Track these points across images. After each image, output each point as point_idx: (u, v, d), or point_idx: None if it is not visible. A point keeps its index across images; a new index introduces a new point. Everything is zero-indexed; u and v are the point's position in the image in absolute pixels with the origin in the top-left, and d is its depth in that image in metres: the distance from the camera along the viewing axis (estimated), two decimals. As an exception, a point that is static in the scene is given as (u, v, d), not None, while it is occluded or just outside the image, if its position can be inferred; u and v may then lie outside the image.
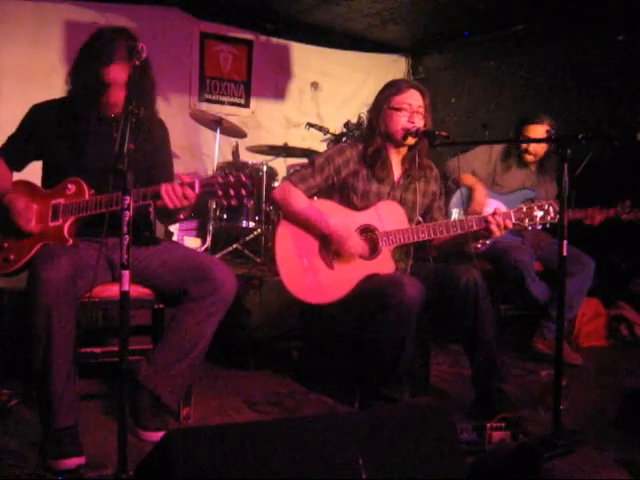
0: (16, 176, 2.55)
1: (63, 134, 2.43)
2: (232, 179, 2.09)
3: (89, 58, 2.36)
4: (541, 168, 3.90)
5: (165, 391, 2.37)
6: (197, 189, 2.15)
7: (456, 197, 3.70)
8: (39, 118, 2.49)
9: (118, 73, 2.30)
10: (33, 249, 2.33)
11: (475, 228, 2.64)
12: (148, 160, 2.48)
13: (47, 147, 2.47)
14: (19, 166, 2.54)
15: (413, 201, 2.88)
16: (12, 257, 2.36)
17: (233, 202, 2.11)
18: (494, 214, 2.60)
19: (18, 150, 2.50)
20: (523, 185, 3.84)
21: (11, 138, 2.52)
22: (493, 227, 2.59)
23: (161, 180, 2.42)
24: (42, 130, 2.46)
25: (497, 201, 3.74)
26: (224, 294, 2.38)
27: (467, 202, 3.72)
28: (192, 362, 2.40)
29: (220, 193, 2.11)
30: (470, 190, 3.73)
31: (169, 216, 2.52)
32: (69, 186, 2.38)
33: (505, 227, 2.59)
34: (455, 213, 3.70)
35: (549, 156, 3.84)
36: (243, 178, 2.08)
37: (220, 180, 2.10)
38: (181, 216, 2.44)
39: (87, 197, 2.35)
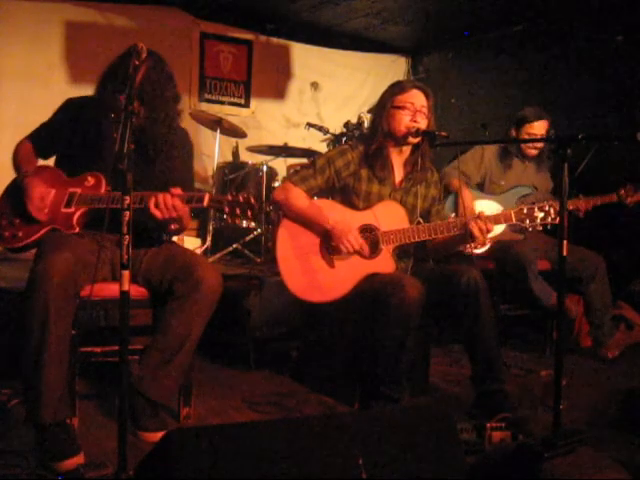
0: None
1: (90, 131, 2.48)
2: (241, 199, 2.17)
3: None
4: (539, 162, 3.90)
5: (156, 393, 2.37)
6: (206, 203, 2.22)
7: (449, 202, 3.70)
8: (72, 113, 2.55)
9: None
10: (41, 230, 2.40)
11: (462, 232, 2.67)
12: (168, 177, 2.51)
13: (73, 141, 2.51)
14: (46, 155, 2.63)
15: (413, 204, 2.88)
16: (20, 234, 2.42)
17: (237, 221, 2.16)
18: (477, 218, 2.64)
19: (47, 139, 2.58)
20: (519, 182, 3.83)
21: (43, 127, 2.60)
22: (475, 231, 2.62)
23: None
24: (73, 124, 2.51)
25: (492, 201, 3.74)
26: (206, 291, 2.36)
27: (455, 207, 3.72)
28: (180, 363, 2.39)
29: (227, 210, 2.19)
30: (457, 195, 3.73)
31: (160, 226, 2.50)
32: (89, 178, 2.46)
33: (487, 230, 2.63)
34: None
35: (543, 150, 3.85)
36: (252, 200, 2.18)
37: (229, 198, 2.18)
38: (172, 227, 2.43)
39: (103, 191, 2.40)
